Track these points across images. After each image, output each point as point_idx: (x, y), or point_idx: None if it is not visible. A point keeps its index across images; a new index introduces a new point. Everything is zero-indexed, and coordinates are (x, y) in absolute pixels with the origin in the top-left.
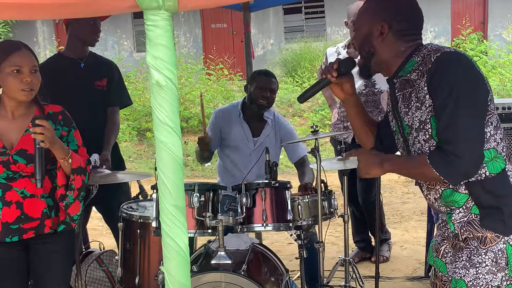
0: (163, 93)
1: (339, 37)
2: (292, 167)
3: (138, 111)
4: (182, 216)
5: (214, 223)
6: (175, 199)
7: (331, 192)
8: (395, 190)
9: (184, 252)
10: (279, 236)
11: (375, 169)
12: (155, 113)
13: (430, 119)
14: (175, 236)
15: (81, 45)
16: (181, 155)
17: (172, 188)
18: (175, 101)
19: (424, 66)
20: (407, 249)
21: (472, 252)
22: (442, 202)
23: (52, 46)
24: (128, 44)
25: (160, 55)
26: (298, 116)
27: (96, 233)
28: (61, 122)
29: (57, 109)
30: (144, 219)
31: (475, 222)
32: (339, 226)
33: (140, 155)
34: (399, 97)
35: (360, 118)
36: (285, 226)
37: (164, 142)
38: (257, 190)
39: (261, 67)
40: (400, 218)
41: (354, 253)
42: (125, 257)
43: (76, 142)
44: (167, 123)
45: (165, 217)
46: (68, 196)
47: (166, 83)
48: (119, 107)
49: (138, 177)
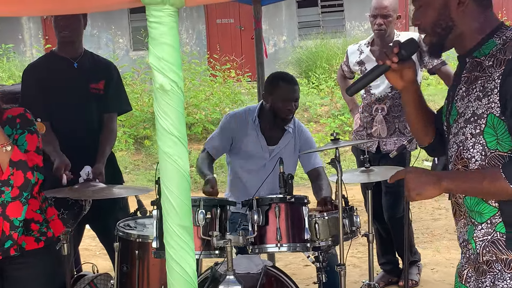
0: (168, 99)
1: (359, 33)
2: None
3: (136, 116)
4: (189, 238)
5: (222, 243)
6: (181, 218)
7: (353, 208)
8: (425, 205)
9: (191, 278)
10: (294, 257)
11: (429, 189)
12: (158, 121)
13: (488, 116)
14: (181, 260)
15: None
16: (188, 168)
17: (178, 206)
18: (180, 107)
19: (504, 54)
20: (438, 272)
21: (496, 277)
22: (465, 209)
23: (39, 45)
24: (124, 42)
25: (164, 55)
26: (315, 121)
27: (88, 253)
28: (17, 126)
29: (16, 112)
30: (143, 239)
31: (500, 243)
32: (362, 246)
33: (138, 166)
34: (463, 78)
35: (419, 110)
36: (301, 246)
37: (168, 154)
38: (270, 206)
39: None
40: (431, 237)
41: (379, 277)
42: (121, 281)
43: (26, 146)
44: (172, 132)
45: (170, 238)
46: (5, 193)
47: (171, 87)
48: (117, 113)
49: (136, 191)
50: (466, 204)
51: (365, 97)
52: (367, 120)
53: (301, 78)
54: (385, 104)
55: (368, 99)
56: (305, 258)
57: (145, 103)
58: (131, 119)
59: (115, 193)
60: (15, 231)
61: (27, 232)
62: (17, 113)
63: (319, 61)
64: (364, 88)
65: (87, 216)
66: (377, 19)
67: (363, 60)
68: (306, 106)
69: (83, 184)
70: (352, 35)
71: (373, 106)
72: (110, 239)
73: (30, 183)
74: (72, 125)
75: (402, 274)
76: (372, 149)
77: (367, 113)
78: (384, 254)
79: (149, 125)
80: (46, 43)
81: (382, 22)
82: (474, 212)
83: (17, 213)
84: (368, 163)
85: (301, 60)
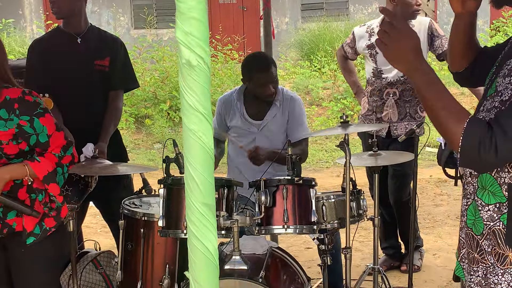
0: (194, 74)
1: (363, 16)
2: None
3: (136, 95)
4: (212, 216)
5: (228, 224)
6: (204, 196)
7: (360, 191)
8: (426, 190)
9: (213, 256)
10: (296, 239)
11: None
12: (184, 97)
13: None
14: (203, 238)
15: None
16: (213, 146)
17: (201, 184)
18: (207, 83)
19: None
20: (440, 257)
21: (488, 270)
22: (475, 183)
23: (40, 21)
24: (125, 20)
25: (192, 30)
26: (316, 105)
27: (89, 231)
28: (16, 112)
29: (15, 94)
30: (149, 217)
31: (499, 234)
32: (363, 230)
33: (138, 145)
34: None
35: (465, 38)
36: (308, 228)
37: (193, 131)
38: (278, 187)
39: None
40: (433, 222)
41: (381, 261)
42: (125, 259)
43: (46, 131)
44: (197, 109)
45: (193, 216)
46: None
47: (197, 63)
48: (124, 90)
49: (141, 169)
50: (480, 182)
51: (374, 81)
52: (377, 104)
53: (303, 60)
54: (397, 89)
55: (378, 83)
56: (307, 241)
57: (146, 82)
58: (132, 98)
59: (121, 170)
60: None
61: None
62: (16, 95)
63: (321, 44)
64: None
65: (91, 193)
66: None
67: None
68: (308, 89)
69: (89, 161)
70: (356, 18)
71: (384, 90)
72: (114, 216)
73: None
74: (75, 102)
75: (404, 258)
76: (383, 134)
77: (377, 97)
78: (387, 239)
79: (150, 104)
80: (46, 19)
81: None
82: (486, 192)
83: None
84: (376, 147)
85: (304, 42)
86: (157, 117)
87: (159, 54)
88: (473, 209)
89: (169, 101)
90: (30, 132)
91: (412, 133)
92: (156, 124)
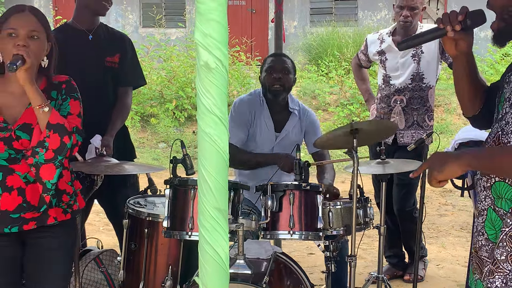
0: (212, 77)
1: (371, 22)
2: None
3: (143, 94)
4: (224, 221)
5: (234, 227)
6: (217, 201)
7: (368, 199)
8: (431, 200)
9: (224, 263)
10: (299, 245)
11: (451, 165)
12: (200, 99)
13: None
14: (215, 243)
15: (90, 14)
16: (227, 150)
17: (215, 188)
18: (224, 86)
19: None
20: (444, 268)
21: (507, 277)
22: (492, 194)
23: (49, 16)
24: (134, 18)
25: (211, 32)
26: (323, 110)
27: (92, 229)
28: (62, 92)
29: (63, 78)
30: (153, 217)
31: None
32: (366, 237)
33: (143, 144)
34: None
35: (468, 81)
36: (314, 235)
37: (209, 134)
38: (285, 192)
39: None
40: (437, 232)
41: (384, 270)
42: (128, 258)
43: (69, 109)
44: (214, 112)
45: (205, 221)
46: (39, 154)
47: (216, 66)
48: (133, 87)
49: (148, 169)
50: (494, 192)
51: (383, 88)
52: (385, 111)
53: (311, 65)
54: (404, 96)
55: (387, 90)
56: (310, 246)
57: (153, 81)
58: (138, 96)
59: (128, 169)
60: (47, 193)
61: (58, 203)
62: (64, 79)
63: (329, 49)
64: (415, 46)
65: (97, 191)
66: (403, 11)
67: (384, 50)
68: (314, 94)
69: (95, 159)
70: (364, 25)
71: (392, 97)
72: (119, 215)
73: (66, 147)
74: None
75: (407, 268)
76: (388, 141)
77: (385, 104)
78: (391, 247)
79: (156, 103)
80: (56, 14)
81: (409, 14)
82: (503, 199)
83: (50, 176)
84: (384, 154)
85: (312, 46)
86: (162, 116)
87: (166, 53)
88: (490, 223)
89: (175, 100)
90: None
91: (422, 142)
92: (161, 123)
